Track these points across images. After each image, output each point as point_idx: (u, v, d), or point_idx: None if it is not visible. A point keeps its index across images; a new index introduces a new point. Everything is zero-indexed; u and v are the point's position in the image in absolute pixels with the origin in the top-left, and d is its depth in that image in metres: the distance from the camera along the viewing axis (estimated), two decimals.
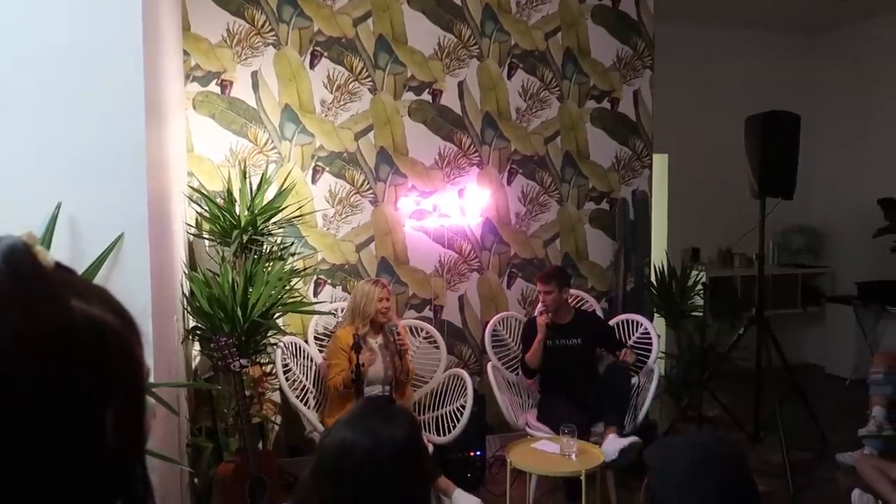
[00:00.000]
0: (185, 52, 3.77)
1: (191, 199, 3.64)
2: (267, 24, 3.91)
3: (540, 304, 3.85)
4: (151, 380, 1.99)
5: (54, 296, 0.53)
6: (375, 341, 3.58)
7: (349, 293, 3.93)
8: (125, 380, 0.57)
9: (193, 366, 3.51)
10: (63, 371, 0.51)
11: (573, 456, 3.13)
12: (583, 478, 3.05)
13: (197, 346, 3.50)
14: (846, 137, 6.30)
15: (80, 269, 1.84)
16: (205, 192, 3.60)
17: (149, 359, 2.03)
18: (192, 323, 3.28)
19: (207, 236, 3.62)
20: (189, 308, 3.22)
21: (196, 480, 3.13)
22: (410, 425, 1.20)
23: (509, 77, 4.40)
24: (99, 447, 0.54)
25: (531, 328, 3.89)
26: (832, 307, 6.20)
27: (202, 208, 3.59)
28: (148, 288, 2.03)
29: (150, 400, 1.97)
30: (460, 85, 4.29)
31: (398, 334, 3.52)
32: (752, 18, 6.05)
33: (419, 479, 1.19)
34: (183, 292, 3.20)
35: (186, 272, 3.29)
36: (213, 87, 3.84)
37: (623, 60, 4.65)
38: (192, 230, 3.65)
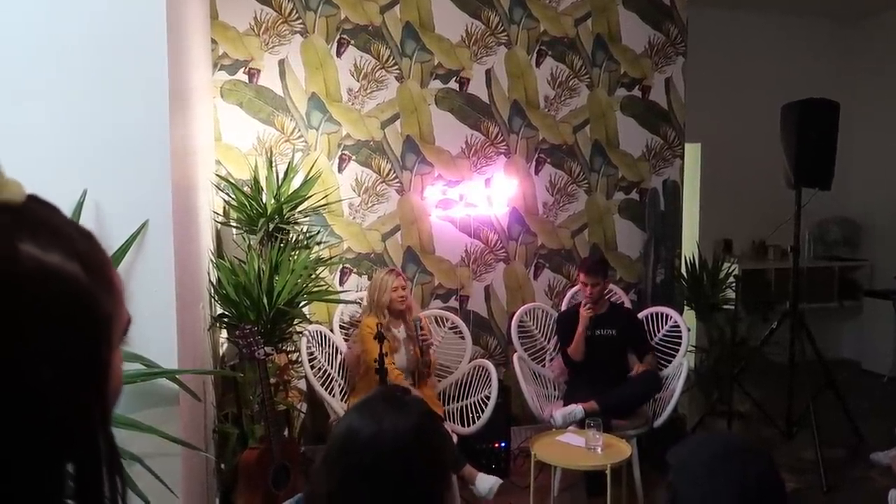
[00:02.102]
0: (213, 41, 3.79)
1: (218, 187, 3.66)
2: (294, 12, 3.90)
3: (585, 297, 3.76)
4: (175, 366, 2.00)
5: None
6: (398, 331, 3.58)
7: None
8: (76, 338, 0.51)
9: (221, 352, 3.54)
10: None
11: (599, 450, 3.09)
12: (608, 472, 3.01)
13: (224, 334, 3.53)
14: (886, 126, 6.10)
15: None
16: (232, 181, 3.62)
17: (173, 345, 2.04)
18: (218, 310, 3.31)
19: (234, 224, 3.65)
20: (216, 295, 3.24)
21: (223, 466, 3.16)
22: (421, 416, 1.17)
23: (538, 65, 4.33)
24: (30, 408, 0.49)
25: (566, 321, 3.85)
26: (870, 301, 6.04)
27: (229, 196, 3.62)
28: (172, 275, 2.03)
29: (173, 385, 1.98)
30: (488, 73, 4.24)
31: (421, 328, 3.49)
32: (788, 4, 5.87)
33: (428, 471, 1.15)
34: (210, 280, 3.23)
35: (213, 260, 3.32)
36: (241, 76, 3.85)
37: (655, 47, 4.55)
38: (220, 218, 3.68)
